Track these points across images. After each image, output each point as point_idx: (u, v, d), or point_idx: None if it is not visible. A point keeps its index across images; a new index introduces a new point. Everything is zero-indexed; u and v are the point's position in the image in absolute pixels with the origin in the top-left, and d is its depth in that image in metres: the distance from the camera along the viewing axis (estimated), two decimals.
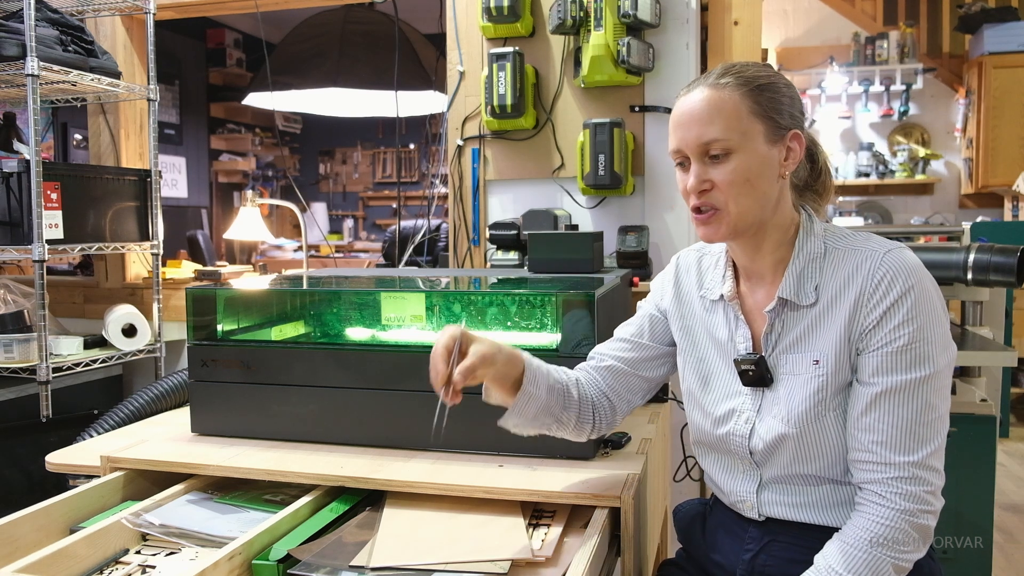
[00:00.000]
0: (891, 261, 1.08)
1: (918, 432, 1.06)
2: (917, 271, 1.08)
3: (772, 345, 1.17)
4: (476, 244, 2.55)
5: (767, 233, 1.16)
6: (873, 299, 1.08)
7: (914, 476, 1.05)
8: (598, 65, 2.22)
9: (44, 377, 2.35)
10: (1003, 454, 4.04)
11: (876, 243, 1.12)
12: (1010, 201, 5.40)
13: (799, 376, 1.13)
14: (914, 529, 1.05)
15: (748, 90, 1.10)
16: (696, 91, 1.12)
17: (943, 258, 2.14)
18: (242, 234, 3.21)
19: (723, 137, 1.09)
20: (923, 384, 1.06)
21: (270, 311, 1.72)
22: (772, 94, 1.12)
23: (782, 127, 1.12)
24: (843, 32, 6.14)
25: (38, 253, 2.30)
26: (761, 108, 1.11)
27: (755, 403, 1.18)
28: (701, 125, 1.10)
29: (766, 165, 1.11)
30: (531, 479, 1.30)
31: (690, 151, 1.12)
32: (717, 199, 1.11)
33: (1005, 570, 2.73)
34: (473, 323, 1.58)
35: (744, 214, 1.11)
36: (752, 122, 1.10)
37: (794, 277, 1.14)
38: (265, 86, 3.85)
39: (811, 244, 1.15)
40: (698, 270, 1.30)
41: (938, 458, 1.08)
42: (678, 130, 1.13)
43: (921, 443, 1.06)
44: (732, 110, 1.09)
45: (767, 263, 1.18)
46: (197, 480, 1.41)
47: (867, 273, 1.09)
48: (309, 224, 6.56)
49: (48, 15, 2.48)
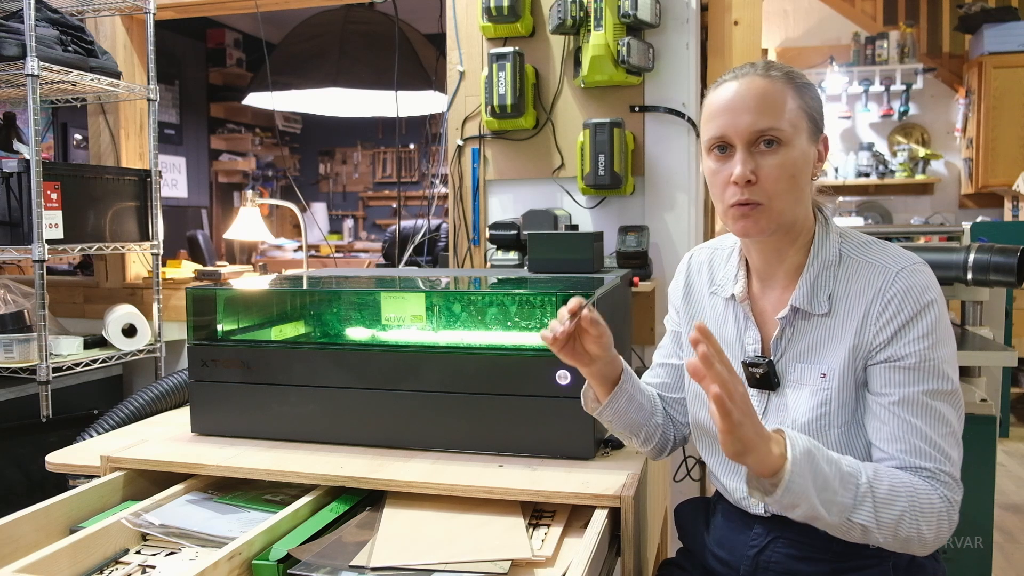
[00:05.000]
0: (904, 280, 1.07)
1: (938, 443, 1.05)
2: (930, 290, 1.07)
3: (781, 351, 1.16)
4: (476, 244, 2.55)
5: (794, 235, 1.14)
6: (883, 318, 1.07)
7: (951, 483, 1.04)
8: (598, 65, 2.22)
9: (44, 377, 2.35)
10: (1003, 454, 4.04)
11: (891, 257, 1.10)
12: (1010, 201, 5.40)
13: (806, 387, 1.13)
14: (938, 521, 1.02)
15: (796, 86, 1.10)
16: (746, 79, 1.10)
17: (943, 258, 2.14)
18: (242, 234, 3.21)
19: (778, 127, 1.07)
20: (938, 397, 1.06)
21: (270, 311, 1.71)
22: (813, 94, 1.12)
23: (819, 128, 1.13)
24: (843, 32, 6.14)
25: (38, 253, 2.30)
26: (807, 105, 1.10)
27: (761, 405, 1.18)
28: (755, 113, 1.07)
29: (807, 163, 1.10)
30: (531, 479, 1.30)
31: (739, 138, 1.08)
32: (759, 193, 1.08)
33: (1005, 570, 2.73)
34: (473, 323, 1.58)
35: (784, 211, 1.09)
36: (800, 117, 1.09)
37: (808, 285, 1.13)
38: (265, 86, 3.85)
39: (826, 250, 1.14)
40: (710, 267, 1.29)
41: (959, 476, 1.06)
42: (725, 115, 1.09)
43: (945, 455, 1.05)
44: (786, 102, 1.08)
45: (785, 266, 1.16)
46: (197, 480, 1.41)
47: (878, 289, 1.08)
48: (309, 224, 6.56)
49: (48, 15, 2.48)
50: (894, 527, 1.00)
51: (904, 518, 1.00)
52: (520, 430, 1.40)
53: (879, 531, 1.00)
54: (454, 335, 1.58)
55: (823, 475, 0.97)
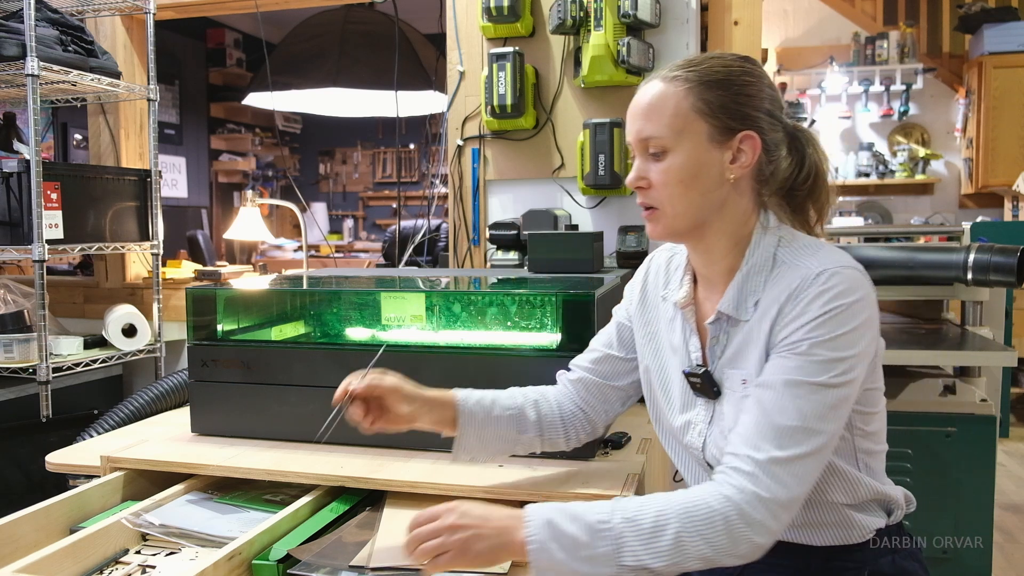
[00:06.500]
0: (822, 282, 1.00)
1: (774, 435, 0.96)
2: (849, 295, 0.99)
3: (717, 358, 1.12)
4: (476, 244, 2.55)
5: (714, 238, 1.10)
6: (789, 316, 1.01)
7: (753, 473, 0.95)
8: (598, 65, 2.22)
9: (44, 377, 2.35)
10: (1003, 454, 4.04)
11: (818, 260, 1.03)
12: (1010, 201, 5.40)
13: (735, 393, 1.08)
14: (724, 524, 0.93)
15: (695, 86, 1.05)
16: (649, 84, 1.09)
17: (943, 258, 2.14)
18: (242, 234, 3.21)
19: (658, 135, 1.05)
20: (798, 390, 0.98)
21: (270, 311, 1.72)
22: (723, 91, 1.05)
23: (731, 128, 1.05)
24: (843, 32, 6.14)
25: (38, 253, 2.30)
26: (707, 106, 1.05)
27: (707, 415, 1.13)
28: (641, 120, 1.07)
29: (704, 167, 1.05)
30: (531, 479, 1.30)
31: (634, 145, 1.09)
32: (654, 198, 1.08)
33: (1005, 570, 2.73)
34: (473, 323, 1.58)
35: (679, 216, 1.07)
36: (693, 120, 1.05)
37: (735, 290, 1.08)
38: (265, 86, 3.85)
39: (759, 255, 1.08)
40: (667, 271, 1.24)
41: (791, 474, 0.95)
42: (628, 121, 1.11)
43: (774, 445, 0.96)
44: (673, 107, 1.05)
45: (718, 270, 1.12)
46: (197, 480, 1.41)
47: (793, 291, 1.02)
48: (309, 224, 6.56)
49: (48, 15, 2.48)
50: (677, 551, 0.93)
51: (683, 538, 0.93)
52: None
53: (662, 561, 0.93)
54: (454, 335, 1.58)
55: (569, 536, 0.94)
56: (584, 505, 0.98)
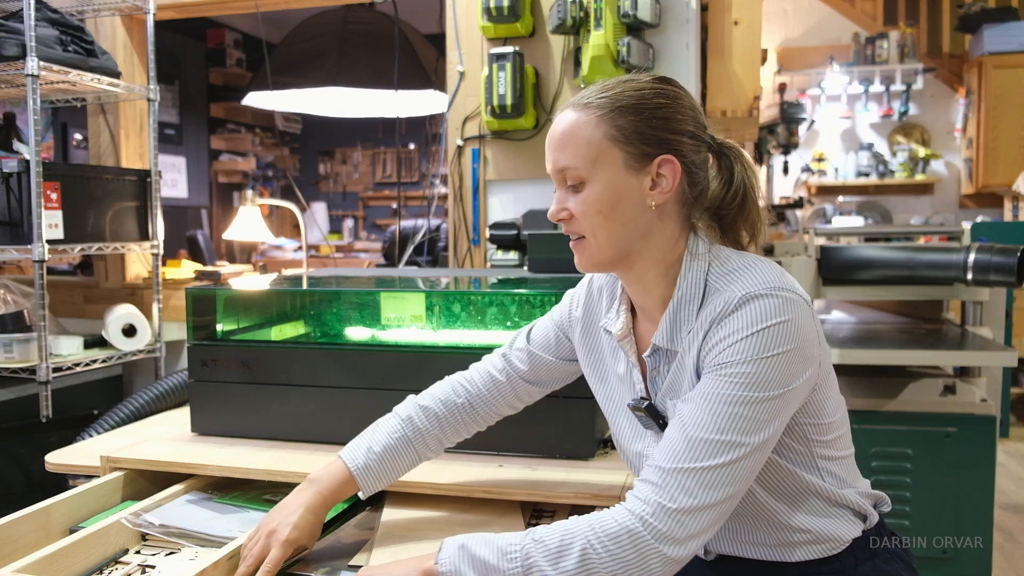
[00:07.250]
0: (744, 306, 0.97)
1: (687, 446, 0.94)
2: (771, 318, 0.96)
3: (659, 389, 1.09)
4: (476, 244, 2.55)
5: (644, 267, 1.06)
6: (714, 339, 0.98)
7: (658, 484, 0.93)
8: (598, 65, 2.22)
9: (44, 377, 2.35)
10: (1003, 454, 4.04)
11: (743, 284, 0.99)
12: (1010, 201, 5.40)
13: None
14: (630, 538, 0.91)
15: (607, 113, 1.01)
16: (563, 113, 1.05)
17: (943, 258, 2.14)
18: (242, 234, 3.21)
19: (573, 166, 1.02)
20: (716, 404, 0.95)
21: (270, 311, 1.72)
22: (634, 117, 1.01)
23: (647, 153, 1.01)
24: (843, 32, 6.14)
25: (38, 253, 2.30)
26: (620, 134, 1.01)
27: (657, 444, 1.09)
28: (556, 151, 1.04)
29: (624, 196, 1.02)
30: (530, 479, 1.30)
31: (552, 176, 1.06)
32: (579, 227, 1.05)
33: (1005, 570, 2.73)
34: (473, 323, 1.58)
35: (603, 247, 1.04)
36: (607, 149, 1.01)
37: (667, 322, 1.05)
38: (265, 86, 3.85)
39: (688, 283, 1.04)
40: (610, 296, 1.18)
41: (700, 483, 0.92)
42: (546, 153, 1.07)
43: (688, 457, 0.93)
44: (585, 137, 1.02)
45: (653, 300, 1.08)
46: (197, 480, 1.41)
47: (717, 316, 0.99)
48: (309, 224, 6.56)
49: (48, 15, 2.48)
50: (584, 569, 0.91)
51: (589, 555, 0.91)
52: (519, 430, 1.40)
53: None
54: (454, 335, 1.58)
55: (480, 560, 0.93)
56: (490, 534, 0.97)
